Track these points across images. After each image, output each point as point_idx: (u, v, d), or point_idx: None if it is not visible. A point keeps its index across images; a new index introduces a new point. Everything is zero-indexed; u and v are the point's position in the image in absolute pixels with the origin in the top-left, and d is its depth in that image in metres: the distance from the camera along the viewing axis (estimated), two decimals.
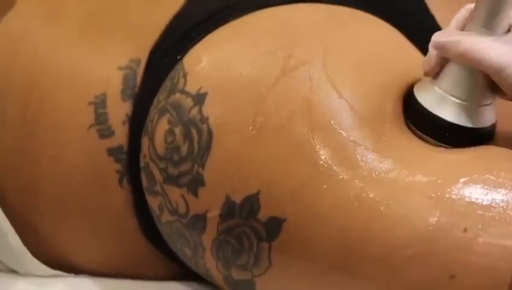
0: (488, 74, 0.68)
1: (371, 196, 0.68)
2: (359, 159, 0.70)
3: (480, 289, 0.66)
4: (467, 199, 0.68)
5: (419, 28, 0.83)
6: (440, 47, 0.70)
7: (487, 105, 0.70)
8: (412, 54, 0.81)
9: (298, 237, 0.71)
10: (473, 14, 0.69)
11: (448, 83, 0.70)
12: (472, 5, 0.69)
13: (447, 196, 0.68)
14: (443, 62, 0.71)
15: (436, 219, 0.67)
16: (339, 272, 0.70)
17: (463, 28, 0.70)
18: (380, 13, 0.82)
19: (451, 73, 0.70)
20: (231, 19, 0.79)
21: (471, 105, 0.70)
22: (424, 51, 0.78)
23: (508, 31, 0.68)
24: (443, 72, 0.71)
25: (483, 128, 0.70)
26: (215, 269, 0.75)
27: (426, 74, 0.71)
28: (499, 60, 0.67)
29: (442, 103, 0.71)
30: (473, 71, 0.69)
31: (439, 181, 0.68)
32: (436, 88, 0.70)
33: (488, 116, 0.71)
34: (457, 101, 0.70)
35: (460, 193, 0.68)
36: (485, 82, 0.70)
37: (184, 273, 0.85)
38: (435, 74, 0.71)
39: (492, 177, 0.69)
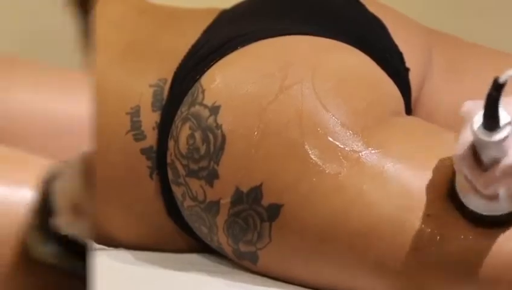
0: None
1: (350, 186, 0.80)
2: (341, 157, 0.81)
3: None
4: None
5: (387, 54, 0.94)
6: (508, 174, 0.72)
7: None
8: (384, 78, 0.91)
9: (293, 218, 0.81)
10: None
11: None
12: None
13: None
14: None
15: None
16: (325, 245, 0.81)
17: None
18: (355, 43, 0.91)
19: None
20: (239, 47, 0.88)
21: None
22: (390, 74, 0.89)
23: None
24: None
25: None
26: (226, 244, 0.85)
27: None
28: None
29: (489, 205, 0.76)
30: None
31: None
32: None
33: None
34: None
35: None
36: None
37: (200, 247, 0.92)
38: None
39: None
